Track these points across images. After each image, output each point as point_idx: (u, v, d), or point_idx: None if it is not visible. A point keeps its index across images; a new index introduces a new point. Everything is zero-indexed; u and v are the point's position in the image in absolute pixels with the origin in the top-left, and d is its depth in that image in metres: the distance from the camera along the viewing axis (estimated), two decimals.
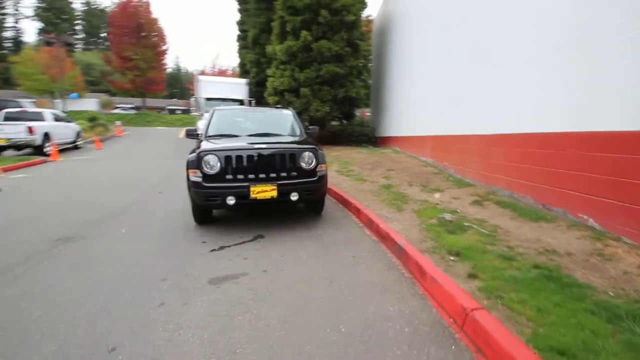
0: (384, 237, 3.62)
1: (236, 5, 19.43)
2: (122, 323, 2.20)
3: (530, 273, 2.67)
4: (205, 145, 4.12)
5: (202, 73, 34.63)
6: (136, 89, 30.49)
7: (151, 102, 39.48)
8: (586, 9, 3.49)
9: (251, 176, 3.87)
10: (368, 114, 22.84)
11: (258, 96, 15.84)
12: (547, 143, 3.96)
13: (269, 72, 13.96)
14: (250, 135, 4.77)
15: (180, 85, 57.80)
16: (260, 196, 3.81)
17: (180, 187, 7.00)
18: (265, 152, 3.92)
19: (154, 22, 30.26)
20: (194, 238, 3.88)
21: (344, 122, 15.44)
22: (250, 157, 3.88)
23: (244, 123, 5.15)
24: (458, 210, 4.59)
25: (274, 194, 3.84)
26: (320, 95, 12.77)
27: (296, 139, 4.87)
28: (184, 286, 2.71)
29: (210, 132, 4.88)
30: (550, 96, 4.02)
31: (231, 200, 3.78)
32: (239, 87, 15.37)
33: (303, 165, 4.07)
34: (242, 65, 19.21)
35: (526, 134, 4.34)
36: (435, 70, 7.69)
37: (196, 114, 17.41)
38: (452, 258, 3.07)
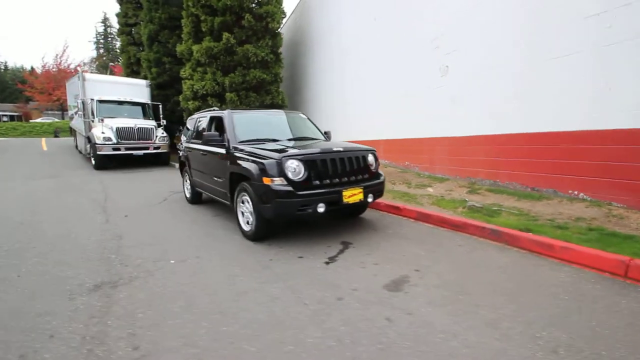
0: (458, 226, 4.06)
1: None
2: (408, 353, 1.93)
3: (592, 234, 3.57)
4: (269, 151, 3.68)
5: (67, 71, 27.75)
6: None
7: None
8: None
9: (336, 180, 3.70)
10: None
11: (161, 99, 13.86)
12: (534, 140, 5.21)
13: (184, 73, 12.53)
14: (290, 140, 4.48)
15: (1, 85, 43.46)
16: (352, 200, 3.69)
17: (133, 206, 5.72)
18: (344, 155, 3.81)
19: None
20: (282, 256, 3.40)
21: None
22: (333, 160, 3.70)
23: (271, 127, 4.72)
24: (466, 200, 5.44)
25: (361, 196, 3.78)
26: (248, 102, 12.27)
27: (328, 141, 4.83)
28: (372, 299, 2.48)
29: (242, 137, 4.32)
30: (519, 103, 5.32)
31: (322, 207, 3.52)
32: (139, 89, 13.17)
33: (370, 166, 4.12)
34: (129, 64, 16.24)
35: (510, 134, 5.56)
36: (391, 80, 8.66)
37: (75, 121, 13.94)
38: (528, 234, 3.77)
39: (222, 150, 4.38)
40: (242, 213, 4.01)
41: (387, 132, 8.80)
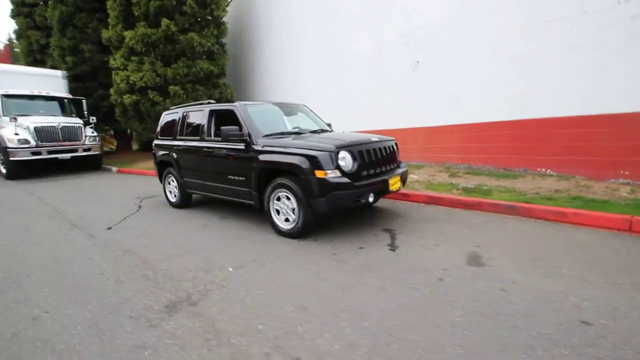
0: (473, 205, 4.53)
1: None
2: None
3: (577, 202, 4.35)
4: (314, 142, 3.59)
5: None
6: None
7: None
8: None
9: (378, 170, 3.78)
10: None
11: (80, 93, 11.88)
12: (503, 127, 6.01)
13: (114, 63, 10.96)
14: (312, 132, 4.41)
15: None
16: (394, 188, 3.84)
17: (108, 217, 5.01)
18: (381, 145, 3.92)
19: None
20: (343, 249, 3.37)
21: None
22: (374, 150, 3.78)
23: (285, 120, 4.52)
24: (453, 182, 6.03)
25: (400, 184, 3.94)
26: (195, 96, 11.34)
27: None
28: (468, 275, 2.67)
29: (265, 131, 4.07)
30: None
31: (372, 197, 3.58)
32: (55, 81, 11.13)
33: (396, 155, 4.30)
34: (30, 51, 13.31)
35: (483, 123, 6.31)
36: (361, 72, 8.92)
37: None
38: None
39: (241, 146, 4.06)
40: (278, 211, 3.80)
41: (357, 125, 9.07)
